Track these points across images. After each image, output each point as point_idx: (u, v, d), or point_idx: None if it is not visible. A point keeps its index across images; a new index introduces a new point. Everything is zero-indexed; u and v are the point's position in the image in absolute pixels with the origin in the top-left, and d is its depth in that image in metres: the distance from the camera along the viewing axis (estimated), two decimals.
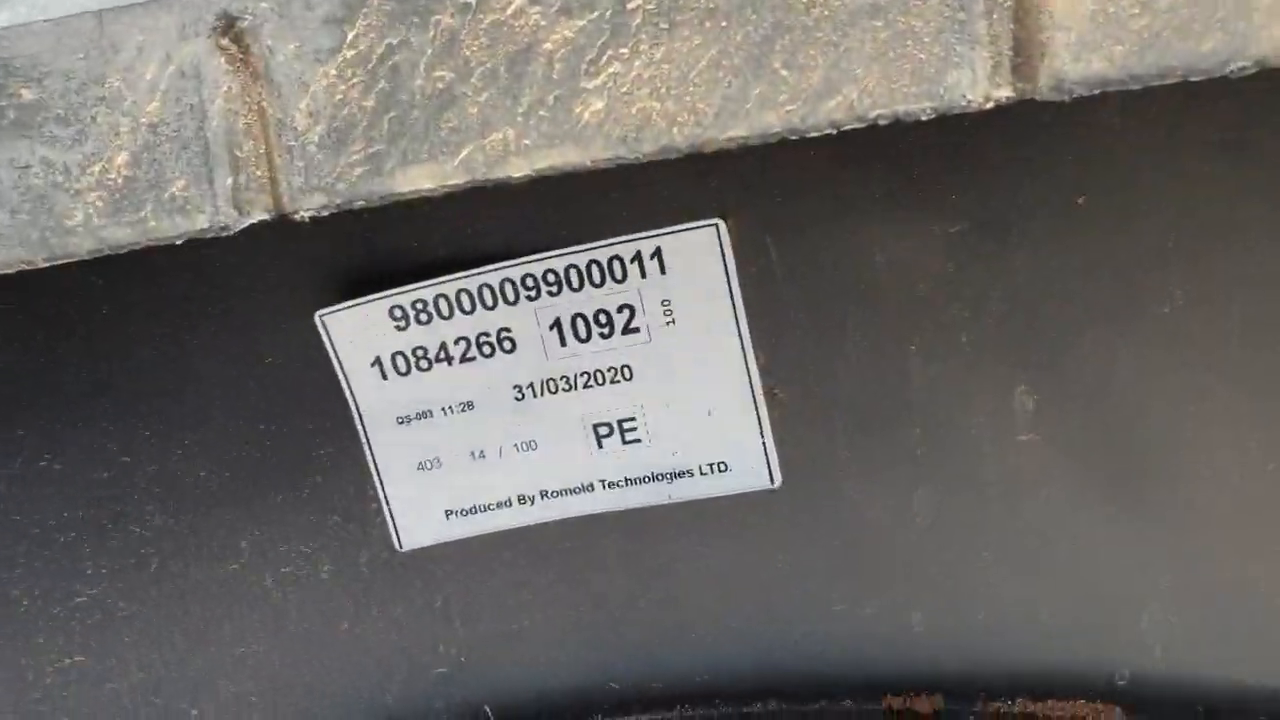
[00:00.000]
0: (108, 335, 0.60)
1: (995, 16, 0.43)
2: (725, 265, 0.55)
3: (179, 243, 0.47)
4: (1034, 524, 0.62)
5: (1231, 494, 0.61)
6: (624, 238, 0.55)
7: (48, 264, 0.47)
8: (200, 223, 0.47)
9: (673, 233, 0.55)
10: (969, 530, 0.63)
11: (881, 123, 0.44)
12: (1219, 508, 0.61)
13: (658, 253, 0.55)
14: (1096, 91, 0.43)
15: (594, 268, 0.56)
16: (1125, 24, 0.42)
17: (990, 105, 0.44)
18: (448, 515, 0.62)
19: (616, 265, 0.55)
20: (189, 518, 0.64)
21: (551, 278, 0.56)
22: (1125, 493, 0.61)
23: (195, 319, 0.60)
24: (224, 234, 0.47)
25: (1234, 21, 0.42)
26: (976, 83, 0.43)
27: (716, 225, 0.54)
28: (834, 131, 0.45)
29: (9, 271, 0.47)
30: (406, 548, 0.63)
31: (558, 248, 0.56)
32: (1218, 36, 0.42)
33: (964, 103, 0.44)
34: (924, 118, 0.44)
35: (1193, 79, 0.42)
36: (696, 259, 0.55)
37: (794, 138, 0.45)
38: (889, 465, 0.62)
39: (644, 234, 0.55)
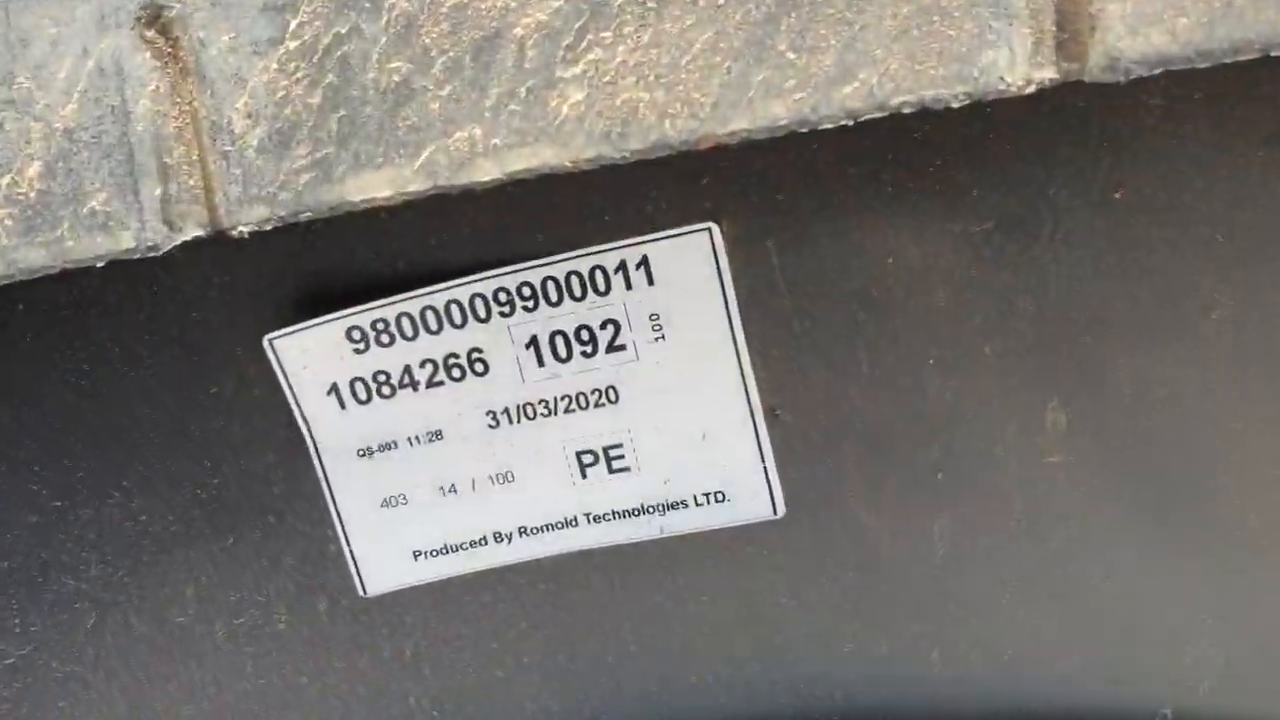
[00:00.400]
0: (32, 367, 0.57)
1: None
2: (719, 274, 0.53)
3: (101, 265, 0.45)
4: (1066, 554, 0.59)
5: None
6: (606, 246, 0.52)
7: None
8: (125, 241, 0.45)
9: (661, 239, 0.52)
10: (994, 561, 0.60)
11: (906, 110, 0.41)
12: (1269, 534, 0.58)
13: (644, 262, 0.53)
14: (1157, 71, 0.40)
15: (574, 280, 0.53)
16: None
17: (1031, 89, 0.41)
18: (416, 556, 0.59)
19: (599, 276, 0.53)
20: (129, 566, 0.61)
21: (527, 291, 0.53)
22: (1167, 518, 0.58)
23: (130, 346, 0.57)
24: (153, 254, 0.45)
25: None
26: (1015, 63, 0.40)
27: (709, 230, 0.52)
28: (850, 123, 0.42)
29: None
30: (371, 593, 0.60)
31: (533, 259, 0.53)
32: None
33: (1001, 86, 0.41)
34: (955, 104, 0.41)
35: (1273, 54, 0.39)
36: (688, 268, 0.53)
37: (803, 130, 0.42)
38: (905, 491, 0.59)
39: (629, 241, 0.52)
